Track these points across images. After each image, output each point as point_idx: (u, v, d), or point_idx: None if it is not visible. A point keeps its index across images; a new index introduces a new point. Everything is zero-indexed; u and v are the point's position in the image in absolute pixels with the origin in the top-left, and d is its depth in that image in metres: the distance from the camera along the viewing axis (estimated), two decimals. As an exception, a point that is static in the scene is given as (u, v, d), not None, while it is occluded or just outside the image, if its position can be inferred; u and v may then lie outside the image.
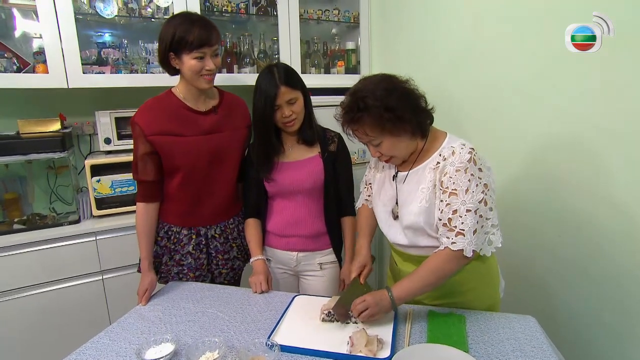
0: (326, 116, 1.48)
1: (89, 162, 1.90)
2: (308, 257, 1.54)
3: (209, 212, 1.52)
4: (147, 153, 1.40)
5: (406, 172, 1.21)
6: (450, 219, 1.09)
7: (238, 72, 2.18)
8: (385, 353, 1.03)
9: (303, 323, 1.19)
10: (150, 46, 2.04)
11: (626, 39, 1.30)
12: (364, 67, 2.48)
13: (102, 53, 1.95)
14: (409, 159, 1.21)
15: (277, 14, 2.17)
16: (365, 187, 1.44)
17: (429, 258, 1.12)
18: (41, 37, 1.75)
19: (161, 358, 1.01)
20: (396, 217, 1.24)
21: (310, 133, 1.48)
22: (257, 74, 1.45)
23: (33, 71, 1.80)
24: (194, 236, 1.51)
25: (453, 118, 1.86)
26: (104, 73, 1.90)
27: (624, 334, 1.43)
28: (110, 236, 1.87)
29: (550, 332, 1.14)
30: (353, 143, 1.32)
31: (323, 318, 1.19)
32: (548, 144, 1.59)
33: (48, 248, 1.77)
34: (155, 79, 1.94)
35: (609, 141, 1.40)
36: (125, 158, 1.92)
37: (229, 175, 1.53)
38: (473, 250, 1.07)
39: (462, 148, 1.11)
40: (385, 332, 1.10)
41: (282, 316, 1.22)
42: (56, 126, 1.91)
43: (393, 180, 1.26)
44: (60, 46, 1.75)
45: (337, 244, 1.57)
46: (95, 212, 1.93)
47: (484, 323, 1.15)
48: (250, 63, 2.20)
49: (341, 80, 2.37)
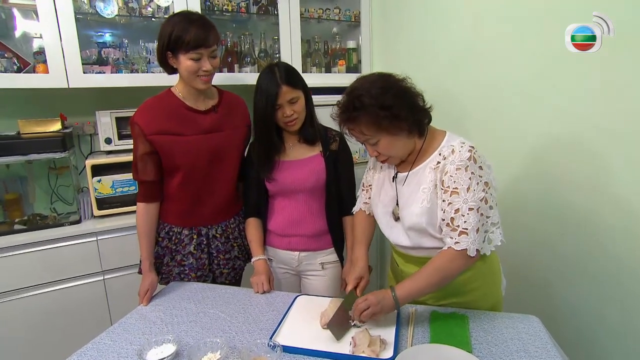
0: (327, 115, 1.47)
1: (90, 162, 1.90)
2: (310, 257, 1.54)
3: (210, 212, 1.52)
4: (147, 153, 1.40)
5: (406, 173, 1.21)
6: (452, 218, 1.09)
7: (239, 72, 2.18)
8: (388, 354, 1.03)
9: (305, 323, 1.19)
10: (150, 46, 2.03)
11: (626, 39, 1.31)
12: (365, 66, 2.47)
13: (103, 53, 1.95)
14: (408, 159, 1.20)
15: (278, 13, 2.17)
16: (363, 190, 1.42)
17: (433, 258, 1.11)
18: (41, 37, 1.75)
19: (163, 359, 1.00)
20: (397, 219, 1.23)
21: (311, 132, 1.48)
22: (258, 74, 1.44)
23: (33, 71, 1.80)
24: (195, 236, 1.51)
25: (453, 118, 1.86)
26: (105, 73, 1.90)
27: (626, 332, 1.44)
28: (111, 236, 1.87)
29: (551, 331, 1.14)
30: (354, 143, 1.32)
31: (323, 327, 1.16)
32: (548, 144, 1.59)
33: (49, 248, 1.77)
34: (155, 79, 1.94)
35: (609, 141, 1.40)
36: (126, 158, 1.91)
37: (229, 174, 1.52)
38: (477, 250, 1.07)
39: (462, 146, 1.11)
40: (387, 333, 1.10)
41: (284, 316, 1.22)
42: (57, 126, 1.91)
43: (393, 181, 1.26)
44: (60, 46, 1.75)
45: (339, 244, 1.57)
46: (96, 212, 1.93)
47: (488, 323, 1.15)
48: (251, 62, 2.20)
49: (342, 79, 2.37)
